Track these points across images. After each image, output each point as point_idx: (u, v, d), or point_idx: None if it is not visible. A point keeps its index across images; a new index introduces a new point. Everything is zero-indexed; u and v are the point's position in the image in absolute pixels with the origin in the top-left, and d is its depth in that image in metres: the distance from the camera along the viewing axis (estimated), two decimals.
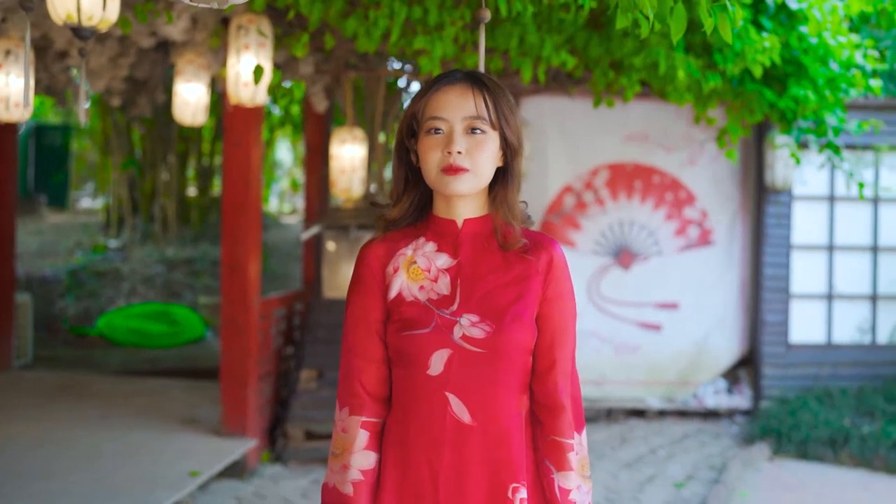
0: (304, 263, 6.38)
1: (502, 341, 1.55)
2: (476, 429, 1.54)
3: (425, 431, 1.56)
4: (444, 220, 1.63)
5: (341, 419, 1.62)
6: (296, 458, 5.04)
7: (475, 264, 1.61)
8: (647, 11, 1.97)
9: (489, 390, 1.55)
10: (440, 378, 1.54)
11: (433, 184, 1.59)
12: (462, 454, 1.54)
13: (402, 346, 1.57)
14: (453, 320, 1.56)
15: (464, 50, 4.23)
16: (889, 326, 7.02)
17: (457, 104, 1.57)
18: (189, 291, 10.15)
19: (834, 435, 5.82)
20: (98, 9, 2.70)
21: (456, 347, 1.55)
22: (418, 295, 1.59)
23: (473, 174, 1.56)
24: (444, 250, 1.62)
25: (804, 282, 6.85)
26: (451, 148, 1.55)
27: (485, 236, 1.63)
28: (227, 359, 4.81)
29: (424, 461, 1.55)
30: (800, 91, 4.59)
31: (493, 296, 1.58)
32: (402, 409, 1.59)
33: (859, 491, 5.22)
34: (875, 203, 6.93)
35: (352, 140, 5.25)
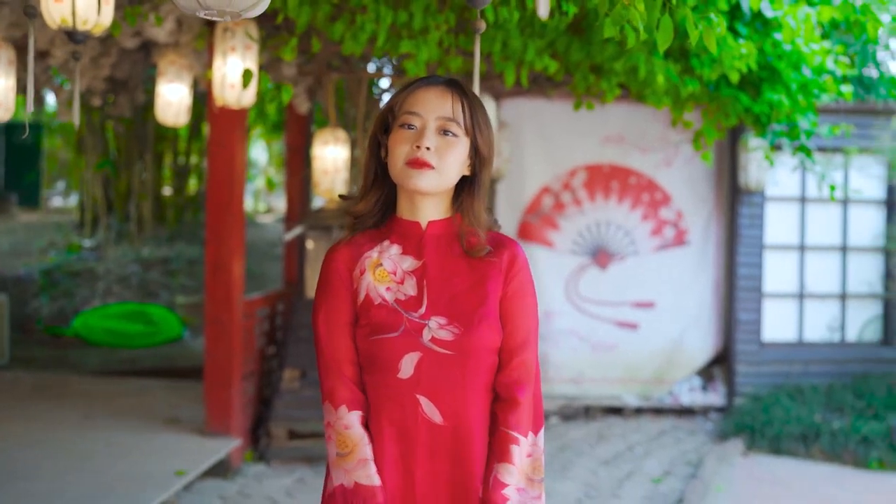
0: (285, 264, 6.41)
1: (470, 343, 1.57)
2: (447, 428, 1.57)
3: (399, 433, 1.58)
4: (407, 222, 1.65)
5: (339, 418, 1.60)
6: (279, 458, 5.07)
7: (440, 266, 1.63)
8: (636, 24, 2.05)
9: (459, 391, 1.58)
10: (411, 381, 1.57)
11: (397, 177, 1.61)
12: (435, 453, 1.57)
13: (373, 350, 1.58)
14: (422, 323, 1.58)
15: (448, 53, 4.30)
16: (858, 325, 7.20)
17: (433, 103, 1.60)
18: (165, 291, 10.10)
19: (805, 430, 5.97)
20: (93, 13, 2.73)
21: (425, 350, 1.57)
22: (385, 296, 1.61)
23: (438, 173, 1.58)
24: (408, 253, 1.64)
25: (776, 281, 7.01)
26: (420, 143, 1.58)
27: (448, 238, 1.65)
28: (210, 358, 4.83)
29: (399, 461, 1.58)
30: (774, 96, 4.71)
31: (459, 298, 1.60)
32: (374, 412, 1.60)
33: (830, 484, 5.36)
34: (845, 204, 7.10)
35: (334, 141, 5.28)
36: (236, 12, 1.59)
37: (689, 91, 4.51)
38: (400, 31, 4.04)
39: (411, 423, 1.57)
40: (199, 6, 1.55)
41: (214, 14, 1.58)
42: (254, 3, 1.58)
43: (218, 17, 1.59)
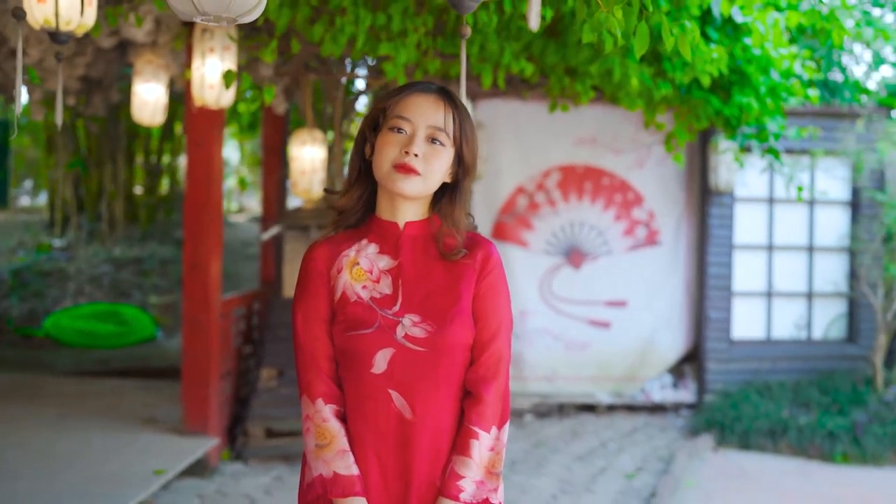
0: (261, 263, 6.41)
1: (443, 340, 1.61)
2: (417, 423, 1.61)
3: (372, 427, 1.62)
4: (386, 223, 1.70)
5: (317, 410, 1.64)
6: (256, 456, 5.09)
7: (415, 266, 1.67)
8: (614, 31, 2.12)
9: (431, 387, 1.62)
10: (384, 376, 1.61)
11: (383, 179, 1.64)
12: (406, 447, 1.61)
13: (348, 345, 1.62)
14: (396, 320, 1.62)
15: (426, 55, 4.36)
16: (824, 322, 7.38)
17: (426, 111, 1.63)
18: (138, 291, 10.04)
19: (773, 426, 6.11)
20: (76, 14, 2.75)
21: (399, 346, 1.61)
22: (361, 294, 1.65)
23: (423, 179, 1.63)
24: (385, 252, 1.68)
25: (745, 280, 7.16)
26: (409, 148, 1.61)
27: (424, 239, 1.69)
28: (188, 358, 4.83)
29: (373, 454, 1.62)
30: (743, 99, 4.83)
31: (433, 297, 1.64)
32: (350, 409, 1.65)
33: (797, 478, 5.50)
34: (811, 205, 7.27)
35: (312, 142, 5.32)
36: (232, 18, 1.63)
37: (661, 94, 4.61)
38: (379, 34, 4.09)
39: (383, 416, 1.61)
40: (197, 11, 1.59)
41: (211, 19, 1.62)
42: (249, 8, 1.63)
43: (214, 22, 1.63)
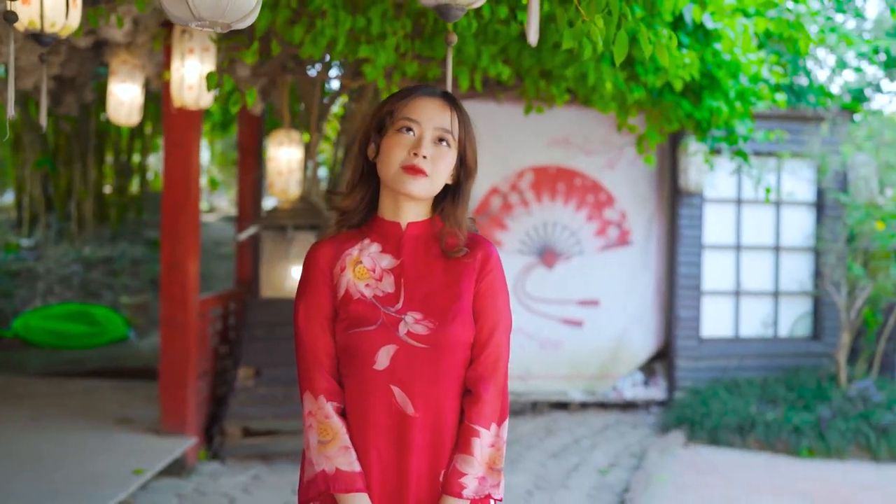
0: (237, 263, 6.42)
1: (444, 337, 1.64)
2: (418, 419, 1.63)
3: (372, 423, 1.64)
4: (388, 223, 1.72)
5: (320, 407, 1.65)
6: (233, 455, 5.10)
7: (417, 265, 1.70)
8: (595, 39, 2.19)
9: (432, 384, 1.64)
10: (386, 372, 1.63)
11: (390, 180, 1.67)
12: (405, 443, 1.63)
13: (350, 342, 1.64)
14: (398, 318, 1.65)
15: (404, 58, 4.41)
16: (790, 321, 7.55)
17: (433, 113, 1.67)
18: (108, 291, 9.96)
19: (741, 422, 6.25)
20: (61, 16, 2.76)
21: (401, 343, 1.63)
22: (364, 292, 1.67)
23: (430, 180, 1.66)
24: (387, 251, 1.71)
25: (714, 279, 7.30)
26: (418, 150, 1.64)
27: (426, 239, 1.73)
28: (166, 357, 4.84)
29: (373, 450, 1.64)
30: (713, 102, 4.94)
31: (435, 295, 1.67)
32: (351, 405, 1.66)
33: (764, 472, 5.64)
34: (777, 206, 7.44)
35: (289, 142, 5.34)
36: (227, 23, 1.68)
37: (635, 97, 4.71)
38: (358, 36, 4.13)
39: (384, 412, 1.63)
40: (193, 17, 1.64)
41: (206, 25, 1.66)
42: (244, 15, 1.67)
43: (209, 27, 1.68)
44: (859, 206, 6.85)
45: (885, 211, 6.83)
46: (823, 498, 5.15)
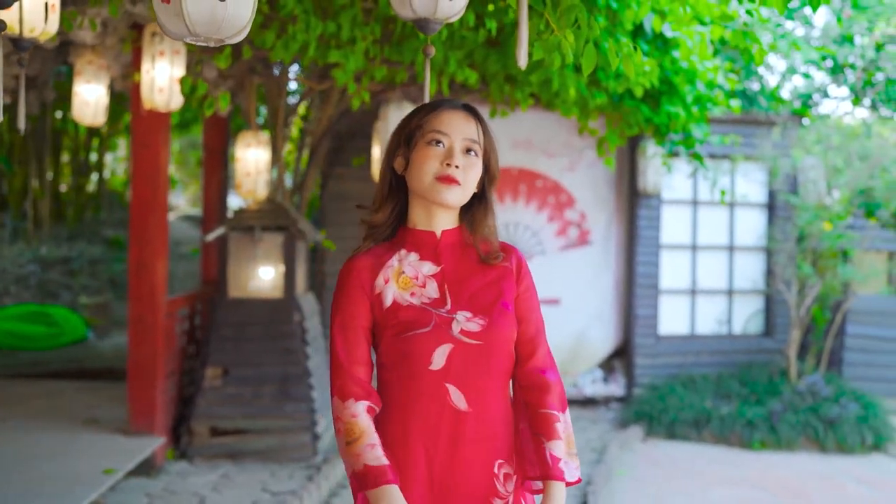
0: (203, 264, 6.44)
1: (496, 332, 1.71)
2: (471, 414, 1.69)
3: (423, 422, 1.68)
4: (422, 233, 1.78)
5: (347, 408, 1.67)
6: (201, 455, 5.13)
7: (457, 270, 1.77)
8: (566, 53, 2.31)
9: (483, 378, 1.70)
10: (441, 371, 1.68)
11: (425, 190, 1.73)
12: (456, 438, 1.68)
13: (404, 346, 1.68)
14: (450, 317, 1.70)
15: (373, 63, 4.50)
16: (743, 318, 7.80)
17: (460, 125, 1.74)
18: (67, 291, 9.85)
19: (697, 416, 6.46)
20: (40, 21, 2.80)
21: (456, 341, 1.68)
22: (412, 301, 1.72)
23: (463, 189, 1.73)
24: (426, 259, 1.76)
25: (671, 278, 7.51)
26: (451, 160, 1.71)
27: (460, 246, 1.80)
28: (134, 357, 4.85)
29: (421, 450, 1.68)
30: (671, 108, 5.12)
31: (479, 295, 1.74)
32: (399, 409, 1.70)
33: (719, 464, 5.85)
34: (731, 207, 7.68)
35: (256, 143, 5.38)
36: (220, 38, 1.75)
37: (596, 103, 4.86)
38: (329, 41, 4.21)
39: (437, 411, 1.68)
40: (189, 33, 1.71)
41: (201, 40, 1.74)
42: (238, 31, 1.75)
43: (203, 42, 1.75)
44: (808, 208, 7.11)
45: (833, 212, 7.10)
46: (775, 488, 5.37)
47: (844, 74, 9.31)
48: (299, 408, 5.23)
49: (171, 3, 1.67)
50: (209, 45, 1.75)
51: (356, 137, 6.77)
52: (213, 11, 1.69)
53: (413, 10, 2.17)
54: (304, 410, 5.23)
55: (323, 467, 5.01)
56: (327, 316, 6.67)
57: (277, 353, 5.31)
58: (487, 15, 4.00)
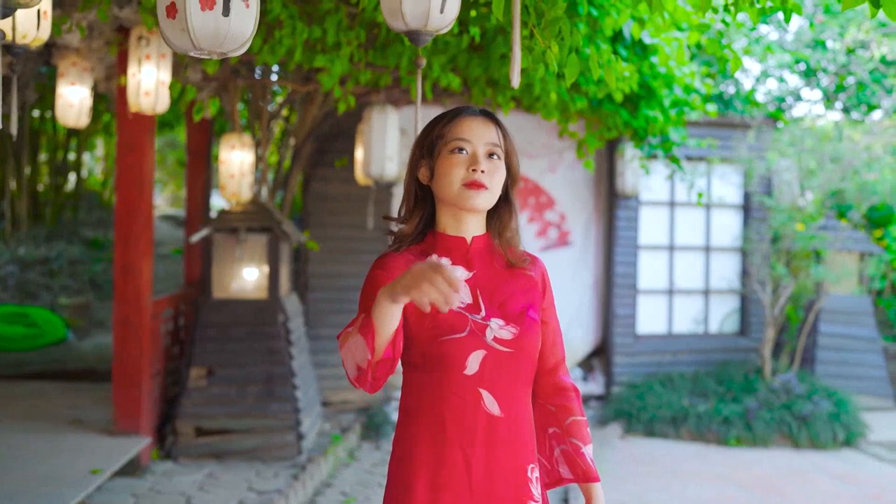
0: (186, 265, 6.46)
1: (526, 341, 1.74)
2: (503, 419, 1.71)
3: (459, 425, 1.69)
4: (453, 238, 1.79)
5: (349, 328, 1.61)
6: (186, 455, 5.17)
7: (488, 276, 1.78)
8: (551, 64, 2.40)
9: (514, 385, 1.73)
10: (475, 377, 1.69)
11: (454, 197, 1.74)
12: (491, 442, 1.70)
13: (440, 350, 1.69)
14: (484, 324, 1.71)
15: (358, 67, 4.56)
16: (719, 317, 7.95)
17: (480, 131, 1.76)
18: (46, 292, 9.80)
19: (675, 414, 6.59)
20: (33, 28, 2.84)
21: (489, 348, 1.70)
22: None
23: (490, 193, 1.74)
24: (458, 265, 1.70)
25: (649, 278, 7.64)
26: (476, 166, 1.72)
27: (489, 251, 1.81)
28: (119, 358, 4.88)
29: (459, 451, 1.69)
30: (650, 112, 5.24)
31: (509, 303, 1.76)
32: (433, 410, 1.70)
33: (696, 460, 5.98)
34: (708, 209, 7.82)
35: (240, 146, 5.43)
36: (223, 52, 1.82)
37: (577, 107, 4.96)
38: (314, 46, 4.27)
39: (471, 415, 1.69)
40: (193, 47, 1.77)
41: (204, 53, 1.80)
42: (240, 45, 1.82)
43: (206, 55, 1.82)
44: (782, 209, 7.27)
45: (806, 213, 7.27)
46: (750, 483, 5.50)
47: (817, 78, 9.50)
48: (284, 407, 5.28)
49: (176, 18, 1.73)
50: (212, 58, 1.81)
51: (338, 139, 6.82)
52: (216, 26, 1.75)
53: (405, 23, 2.24)
54: (288, 410, 5.28)
55: (308, 466, 5.07)
56: (311, 316, 6.72)
57: (262, 353, 5.36)
58: (470, 21, 4.08)
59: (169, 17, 1.76)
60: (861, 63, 9.03)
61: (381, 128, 5.17)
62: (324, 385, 6.66)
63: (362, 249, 6.88)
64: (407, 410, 1.75)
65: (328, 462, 5.35)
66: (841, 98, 9.42)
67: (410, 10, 2.23)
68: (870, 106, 9.22)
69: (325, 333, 6.84)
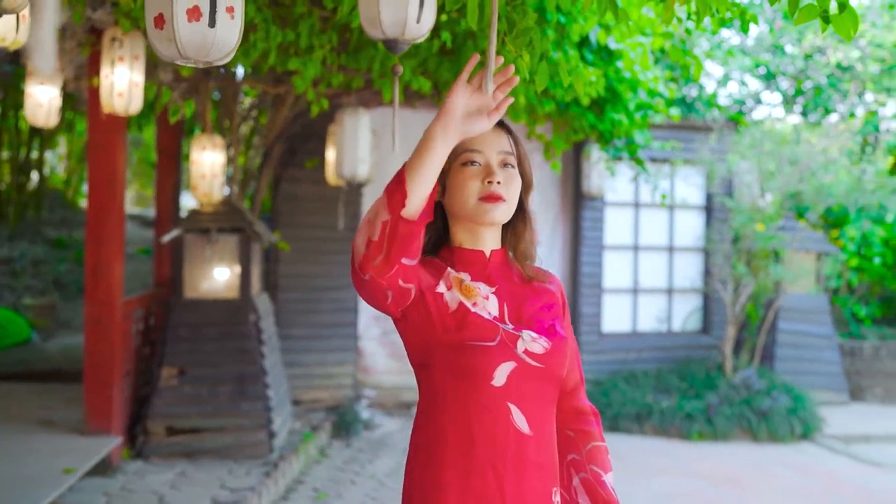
0: (156, 265, 6.47)
1: (556, 358, 1.64)
2: (532, 438, 1.61)
3: (490, 439, 1.58)
4: (470, 252, 1.69)
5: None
6: (157, 454, 5.19)
7: (511, 291, 1.68)
8: (523, 72, 2.49)
9: (542, 403, 1.63)
10: (503, 389, 1.59)
11: (470, 212, 1.64)
12: (521, 461, 1.60)
13: (467, 356, 1.59)
14: (516, 335, 1.62)
15: (330, 70, 4.63)
16: (682, 316, 8.13)
17: (492, 140, 1.66)
18: (9, 292, 9.69)
19: (639, 410, 6.74)
20: (11, 31, 2.86)
21: (519, 361, 1.60)
22: (477, 311, 1.63)
23: (508, 204, 1.65)
24: (478, 280, 1.67)
25: (614, 278, 7.80)
26: (492, 178, 1.62)
27: (507, 265, 1.72)
28: (91, 358, 4.89)
29: (489, 467, 1.58)
30: (615, 115, 5.37)
31: (537, 317, 1.67)
32: (460, 419, 1.60)
33: (660, 455, 6.13)
34: (671, 210, 8.00)
35: (212, 147, 5.45)
36: (209, 61, 1.88)
37: (545, 110, 5.08)
38: (288, 49, 4.32)
39: (502, 431, 1.59)
40: (180, 56, 1.83)
41: (191, 62, 1.87)
42: (225, 54, 1.88)
43: (193, 64, 1.88)
44: (743, 210, 7.46)
45: (766, 214, 7.47)
46: (712, 476, 5.67)
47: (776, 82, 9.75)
48: (255, 406, 5.32)
49: (164, 29, 1.80)
50: (198, 66, 1.88)
51: (309, 140, 6.87)
52: (203, 36, 1.81)
53: (383, 31, 2.32)
54: (260, 409, 5.32)
55: (280, 464, 5.12)
56: (281, 316, 6.76)
57: (233, 352, 5.40)
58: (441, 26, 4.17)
59: (157, 27, 1.82)
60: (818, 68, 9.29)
61: (353, 129, 5.23)
62: (294, 384, 6.71)
63: (332, 250, 6.93)
64: (428, 414, 1.63)
65: (300, 460, 5.41)
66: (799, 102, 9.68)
67: (388, 20, 2.31)
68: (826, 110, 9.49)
69: (296, 333, 6.89)
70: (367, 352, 7.22)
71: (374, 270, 1.47)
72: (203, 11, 1.81)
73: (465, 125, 1.48)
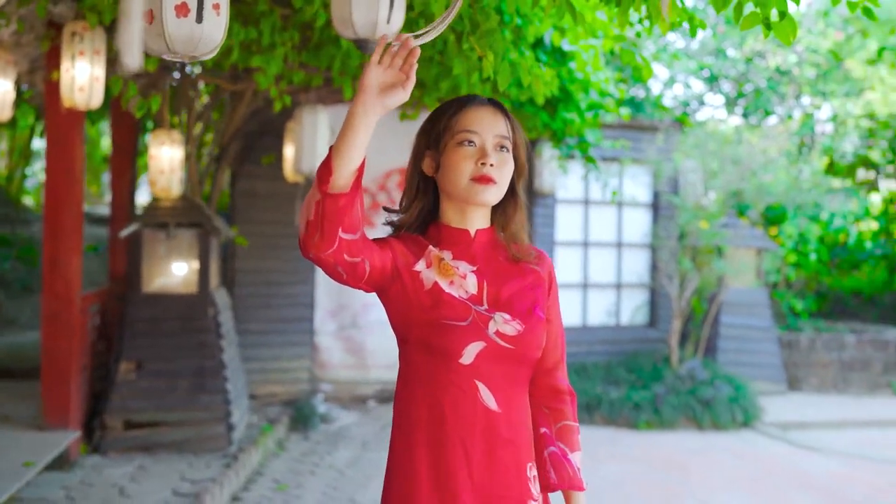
0: (111, 260, 6.44)
1: (529, 340, 1.67)
2: (502, 415, 1.65)
3: (458, 415, 1.64)
4: (456, 230, 1.73)
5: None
6: (114, 448, 5.19)
7: (493, 270, 1.72)
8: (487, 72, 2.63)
9: (512, 382, 1.67)
10: (470, 367, 1.63)
11: (461, 192, 1.68)
12: (491, 436, 1.65)
13: (439, 334, 1.64)
14: (488, 316, 1.66)
15: (292, 68, 4.70)
16: (630, 310, 8.38)
17: (489, 122, 1.68)
18: None
19: (589, 401, 6.95)
20: None
21: (489, 341, 1.64)
22: (452, 291, 1.67)
23: (499, 186, 1.67)
24: (460, 258, 1.71)
25: (565, 273, 8.00)
26: (485, 160, 1.65)
27: (493, 245, 1.75)
28: (48, 353, 4.87)
29: (458, 442, 1.64)
30: (567, 114, 5.55)
31: (517, 298, 1.70)
32: (431, 394, 1.65)
33: (609, 444, 6.34)
34: (620, 207, 8.24)
35: (170, 142, 5.47)
36: (195, 56, 1.98)
37: None
38: (250, 46, 4.39)
39: (470, 407, 1.64)
40: (168, 50, 1.93)
41: (178, 57, 1.96)
42: (211, 49, 1.98)
43: (179, 58, 1.97)
44: (688, 208, 7.74)
45: (709, 212, 7.76)
46: (659, 463, 5.90)
47: (719, 84, 10.10)
48: (214, 399, 5.36)
49: (153, 24, 1.89)
50: (185, 61, 1.97)
51: (266, 136, 6.91)
52: (191, 32, 1.91)
53: (355, 32, 2.44)
54: (219, 402, 5.37)
55: (239, 456, 5.17)
56: (238, 311, 6.80)
57: (192, 346, 5.43)
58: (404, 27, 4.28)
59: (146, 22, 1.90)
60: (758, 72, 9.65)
61: (311, 126, 5.31)
62: (251, 378, 6.75)
63: (289, 245, 6.99)
64: (405, 386, 1.70)
65: (259, 452, 5.47)
66: (740, 104, 10.04)
67: (360, 20, 2.43)
68: (766, 112, 9.87)
69: (253, 328, 6.93)
70: (323, 346, 7.29)
71: (315, 248, 1.52)
72: (191, 8, 1.91)
73: (385, 99, 1.51)
